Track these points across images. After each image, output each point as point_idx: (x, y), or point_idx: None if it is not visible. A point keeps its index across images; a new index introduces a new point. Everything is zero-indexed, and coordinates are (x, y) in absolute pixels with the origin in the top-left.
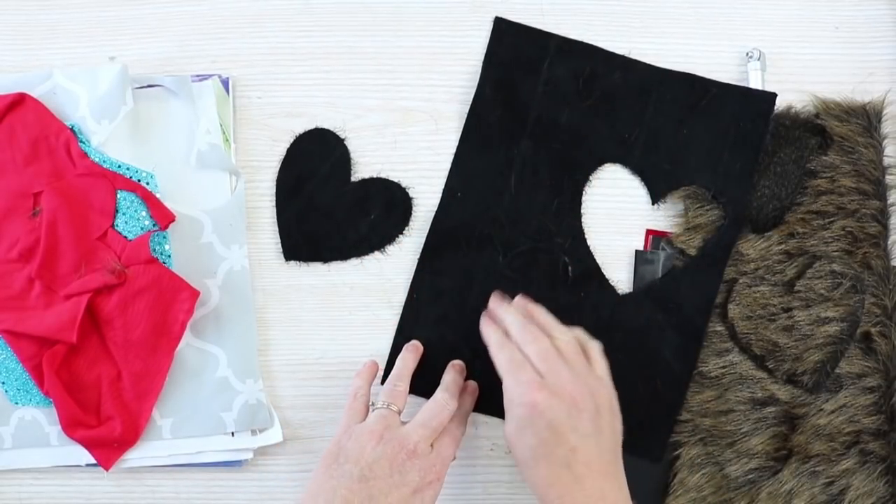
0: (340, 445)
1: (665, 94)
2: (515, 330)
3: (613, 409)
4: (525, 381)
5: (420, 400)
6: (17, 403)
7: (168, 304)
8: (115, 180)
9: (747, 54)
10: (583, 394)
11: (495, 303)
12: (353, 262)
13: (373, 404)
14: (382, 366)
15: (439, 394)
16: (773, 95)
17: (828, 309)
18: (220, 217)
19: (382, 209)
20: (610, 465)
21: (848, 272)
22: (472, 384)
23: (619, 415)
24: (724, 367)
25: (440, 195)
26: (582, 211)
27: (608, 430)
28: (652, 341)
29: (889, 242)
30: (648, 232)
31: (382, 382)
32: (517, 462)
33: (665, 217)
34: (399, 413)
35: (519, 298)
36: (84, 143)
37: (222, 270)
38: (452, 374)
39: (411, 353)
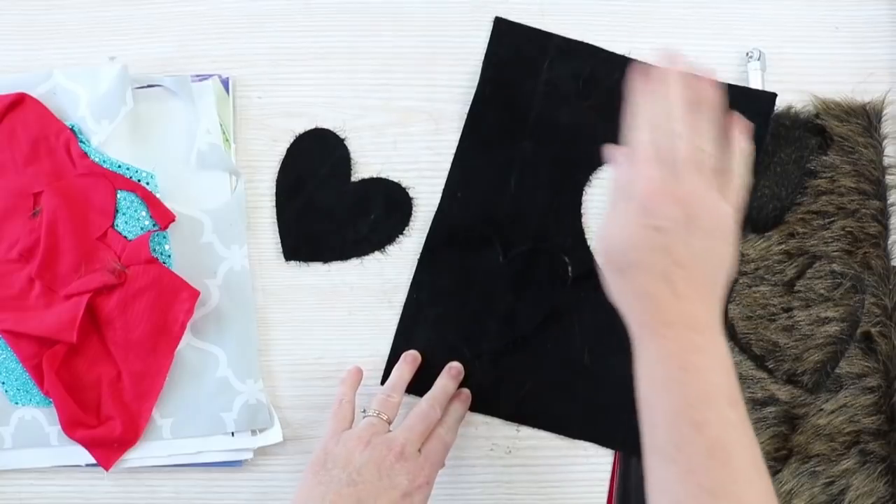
0: (327, 451)
1: None
2: (676, 110)
3: (730, 239)
4: (647, 175)
5: (416, 399)
6: (17, 403)
7: (168, 304)
8: (115, 180)
9: (747, 54)
10: (703, 209)
11: (667, 60)
12: (353, 262)
13: (364, 411)
14: (382, 366)
15: (423, 402)
16: (773, 95)
17: (828, 309)
18: (220, 217)
19: (382, 209)
20: (713, 293)
21: (848, 272)
22: (465, 392)
23: (736, 249)
24: None
25: (440, 195)
26: (582, 211)
27: (719, 258)
28: None
29: (889, 242)
30: None
31: (382, 383)
32: (613, 260)
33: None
34: (388, 423)
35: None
36: (84, 143)
37: (222, 270)
38: (444, 380)
39: (409, 364)
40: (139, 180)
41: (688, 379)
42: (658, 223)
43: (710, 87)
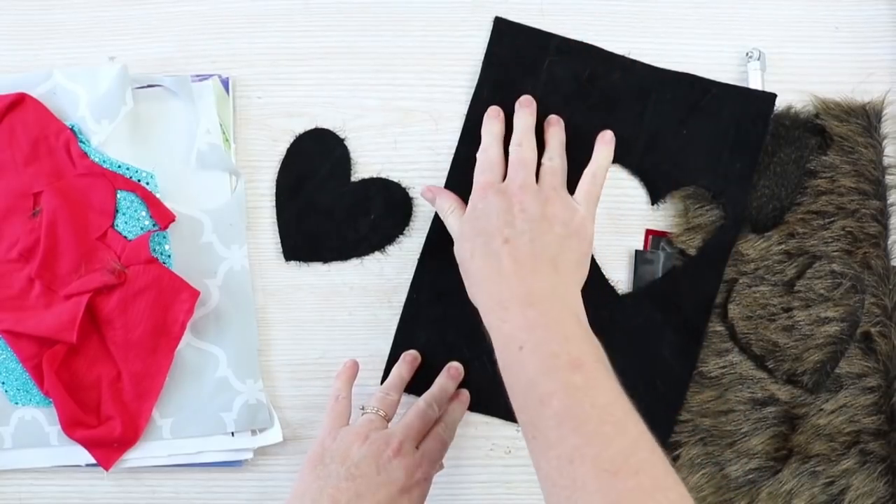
0: (325, 447)
1: (665, 95)
2: (520, 131)
3: (573, 228)
4: (483, 180)
5: (415, 399)
6: (17, 403)
7: (168, 304)
8: (115, 180)
9: (747, 54)
10: (529, 198)
11: (521, 105)
12: (353, 262)
13: (362, 408)
14: (382, 366)
15: (421, 401)
16: (773, 96)
17: (828, 309)
18: (220, 217)
19: (382, 209)
20: (545, 265)
21: (848, 272)
22: (465, 393)
23: (585, 238)
24: (724, 367)
25: None
26: None
27: (553, 237)
28: (652, 341)
29: (889, 242)
30: (648, 232)
31: (382, 383)
32: (458, 260)
33: (665, 217)
34: (387, 420)
35: (551, 117)
36: (84, 143)
37: (222, 270)
38: (443, 380)
39: (408, 363)
40: (139, 180)
41: (526, 356)
42: (482, 210)
43: (556, 128)
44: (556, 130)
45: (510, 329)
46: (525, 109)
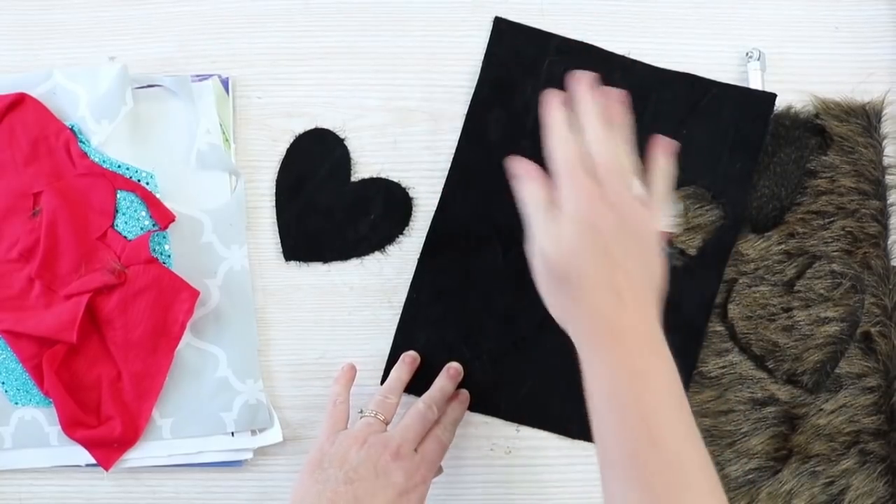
0: (323, 451)
1: (665, 95)
2: (591, 125)
3: (658, 250)
4: (585, 187)
5: (415, 399)
6: (17, 403)
7: (168, 304)
8: (115, 180)
9: (747, 54)
10: (638, 218)
11: (577, 81)
12: (353, 262)
13: (360, 412)
14: (382, 366)
15: (420, 402)
16: (773, 96)
17: (828, 309)
18: (220, 217)
19: (382, 209)
20: (654, 301)
21: (848, 272)
22: (464, 393)
23: (661, 261)
24: (724, 367)
25: (440, 195)
26: None
27: (656, 267)
28: None
29: (889, 242)
30: None
31: (382, 383)
32: (556, 277)
33: (665, 217)
34: (385, 423)
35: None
36: (84, 143)
37: (222, 270)
38: (442, 381)
39: (407, 364)
40: (139, 180)
41: (640, 392)
42: (596, 223)
43: (621, 106)
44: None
45: (624, 361)
46: (585, 92)
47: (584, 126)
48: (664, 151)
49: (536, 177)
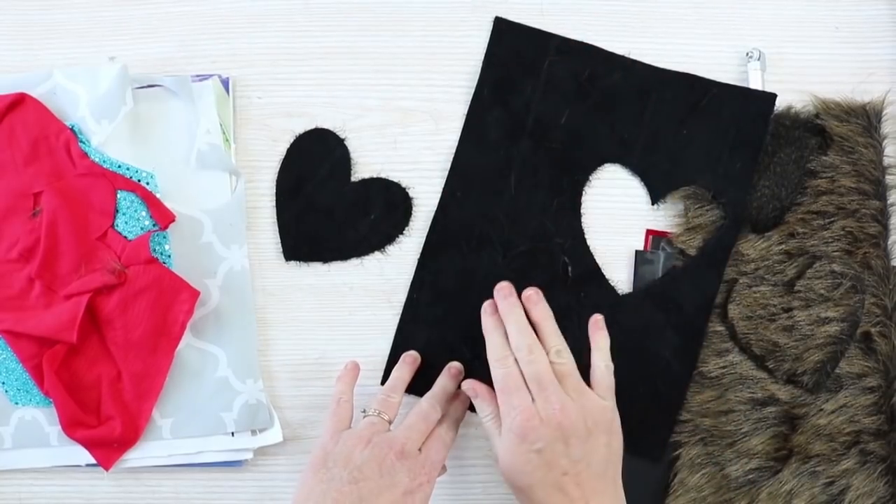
0: (327, 451)
1: (665, 95)
2: (515, 340)
3: (611, 428)
4: (517, 405)
5: (416, 399)
6: (17, 403)
7: (168, 305)
8: (115, 180)
9: (747, 54)
10: (573, 419)
11: (502, 295)
12: (353, 262)
13: (363, 411)
14: (382, 366)
15: (424, 402)
16: (773, 96)
17: (828, 309)
18: (220, 217)
19: (382, 209)
20: (604, 482)
21: (848, 272)
22: (465, 393)
23: (619, 433)
24: (724, 367)
25: (440, 195)
26: (582, 211)
27: (602, 450)
28: (652, 341)
29: (889, 242)
30: (648, 232)
31: (382, 383)
32: (510, 482)
33: (665, 217)
34: (389, 423)
35: (530, 293)
36: (84, 143)
37: (222, 270)
38: (444, 380)
39: (408, 364)
40: (139, 180)
41: None
42: (535, 447)
43: (543, 306)
44: (547, 325)
45: None
46: (508, 300)
47: (510, 336)
48: (597, 328)
49: (485, 394)
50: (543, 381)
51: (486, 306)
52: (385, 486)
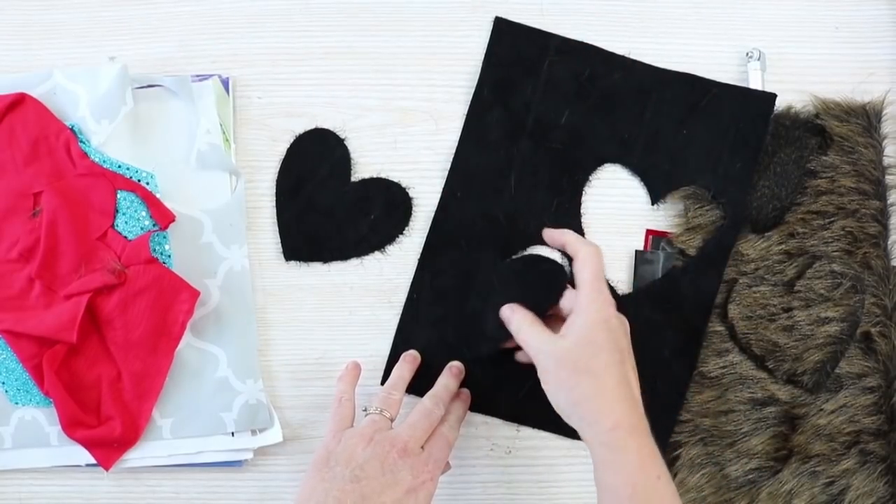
0: (329, 450)
1: (665, 95)
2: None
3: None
4: (606, 299)
5: (417, 400)
6: (17, 403)
7: (168, 305)
8: (115, 180)
9: (747, 54)
10: (628, 331)
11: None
12: (353, 262)
13: (364, 409)
14: (382, 366)
15: (426, 400)
16: (773, 96)
17: (828, 309)
18: (220, 217)
19: (382, 209)
20: (635, 387)
21: (848, 272)
22: (466, 392)
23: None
24: (724, 367)
25: (440, 195)
26: (582, 211)
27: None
28: (652, 341)
29: (889, 242)
30: (648, 232)
31: (382, 383)
32: (573, 372)
33: (665, 217)
34: (391, 420)
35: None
36: (84, 143)
37: (222, 270)
38: (446, 379)
39: (409, 363)
40: (139, 180)
41: (663, 486)
42: (620, 330)
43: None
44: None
45: (650, 454)
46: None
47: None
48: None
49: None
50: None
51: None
52: (387, 484)
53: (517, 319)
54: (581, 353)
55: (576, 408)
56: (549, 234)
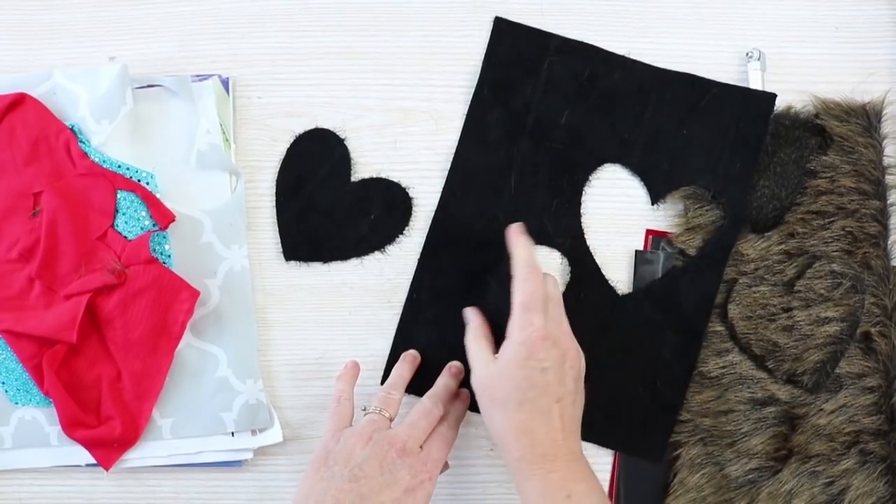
0: (328, 449)
1: (665, 95)
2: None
3: (582, 377)
4: (535, 322)
5: (416, 400)
6: (17, 403)
7: (168, 304)
8: (115, 180)
9: (747, 54)
10: (575, 352)
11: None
12: (353, 262)
13: (364, 409)
14: (382, 366)
15: (426, 399)
16: (773, 96)
17: (828, 309)
18: (220, 217)
19: (382, 209)
20: (577, 426)
21: (848, 272)
22: (465, 392)
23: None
24: (724, 367)
25: (440, 195)
26: (582, 211)
27: (581, 398)
28: (652, 341)
29: (889, 242)
30: (648, 232)
31: (382, 383)
32: (489, 402)
33: (665, 217)
34: (390, 420)
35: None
36: (84, 143)
37: (222, 270)
38: (445, 378)
39: (408, 363)
40: (139, 180)
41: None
42: (543, 365)
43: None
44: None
45: (558, 480)
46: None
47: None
48: (515, 234)
49: (478, 316)
50: (557, 305)
51: (518, 227)
52: (385, 483)
53: (469, 328)
54: (498, 387)
55: (491, 431)
56: (508, 236)
